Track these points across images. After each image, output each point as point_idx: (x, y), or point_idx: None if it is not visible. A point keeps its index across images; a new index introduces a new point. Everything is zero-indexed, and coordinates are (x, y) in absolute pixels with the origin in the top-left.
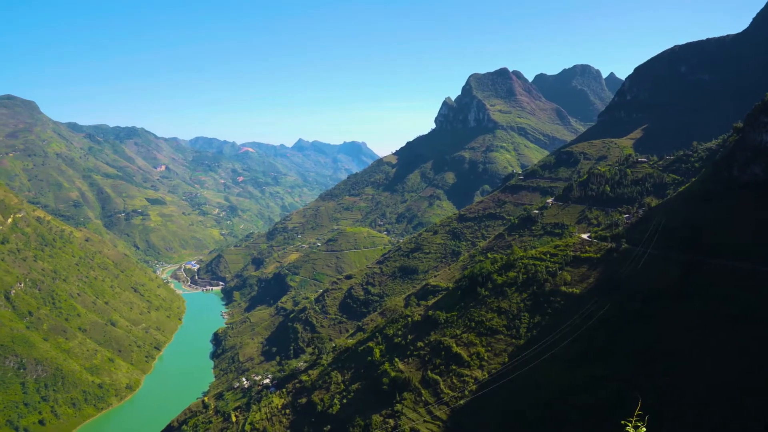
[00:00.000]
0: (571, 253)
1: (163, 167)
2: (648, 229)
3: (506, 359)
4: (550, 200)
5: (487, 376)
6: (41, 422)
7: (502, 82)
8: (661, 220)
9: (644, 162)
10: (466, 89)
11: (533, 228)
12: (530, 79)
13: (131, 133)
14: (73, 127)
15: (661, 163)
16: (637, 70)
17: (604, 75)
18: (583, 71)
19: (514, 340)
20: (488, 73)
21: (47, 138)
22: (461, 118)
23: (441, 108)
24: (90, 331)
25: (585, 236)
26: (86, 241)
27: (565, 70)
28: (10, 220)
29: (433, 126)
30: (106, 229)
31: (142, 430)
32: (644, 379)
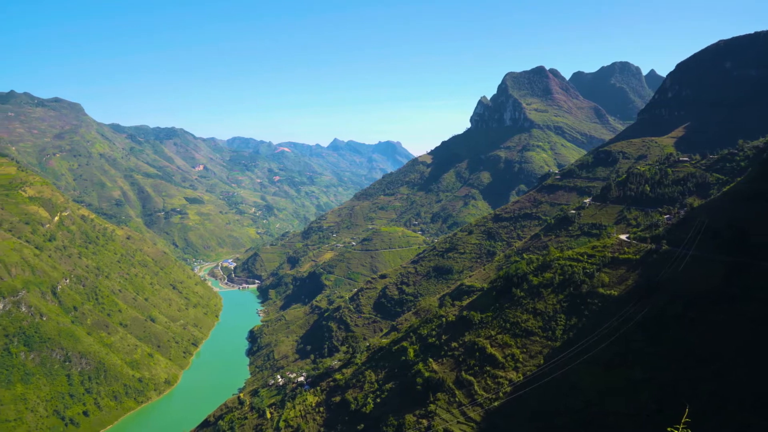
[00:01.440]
0: (609, 255)
1: (202, 167)
2: (690, 230)
3: (542, 361)
4: (587, 200)
5: (522, 377)
6: (85, 413)
7: (538, 80)
8: (704, 221)
9: (686, 161)
10: (502, 88)
11: (570, 228)
12: (567, 77)
13: (171, 133)
14: (115, 128)
15: (704, 162)
16: (680, 66)
17: (645, 72)
18: (623, 68)
19: (549, 342)
20: (524, 72)
21: (91, 139)
22: (497, 117)
23: (476, 107)
24: (131, 326)
25: (623, 237)
26: (127, 239)
27: (603, 68)
28: (56, 218)
29: (469, 125)
30: (147, 227)
31: (180, 425)
32: (685, 384)
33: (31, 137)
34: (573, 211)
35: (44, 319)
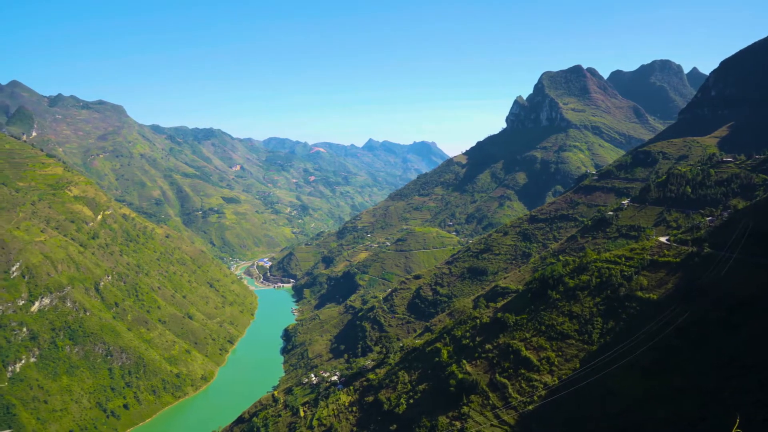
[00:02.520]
0: (648, 257)
1: (238, 167)
2: (734, 233)
3: (578, 365)
4: (625, 201)
5: (557, 381)
6: (125, 406)
7: (575, 79)
8: (748, 223)
9: (730, 161)
10: (539, 88)
11: (607, 230)
12: (605, 76)
13: (209, 134)
14: (155, 129)
15: (749, 162)
16: (723, 64)
17: (686, 70)
18: (663, 67)
19: (586, 346)
20: (561, 71)
21: (133, 140)
22: (533, 117)
23: (512, 107)
24: (169, 323)
25: (663, 239)
26: (166, 237)
27: (643, 66)
28: (99, 216)
29: (504, 125)
30: (185, 226)
31: (215, 420)
32: (729, 393)
33: (77, 139)
34: (611, 213)
35: (87, 314)
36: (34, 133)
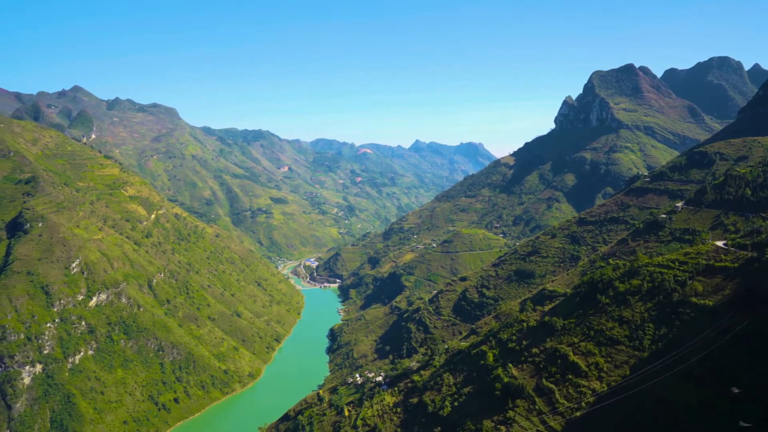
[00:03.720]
0: (704, 262)
1: (286, 168)
2: None
3: (628, 372)
4: (679, 204)
5: (606, 388)
6: (176, 400)
7: (627, 78)
8: None
9: None
10: (588, 87)
11: (660, 233)
12: (659, 75)
13: (257, 135)
14: (206, 130)
15: None
16: None
17: (747, 67)
18: (721, 64)
19: (636, 353)
20: (612, 70)
21: (185, 141)
22: (582, 118)
23: (561, 107)
24: (218, 320)
25: (720, 243)
26: (216, 236)
27: (699, 64)
28: (153, 216)
29: (553, 126)
30: (234, 225)
31: (261, 417)
32: None
33: (132, 140)
34: (664, 216)
35: (141, 310)
36: (93, 136)
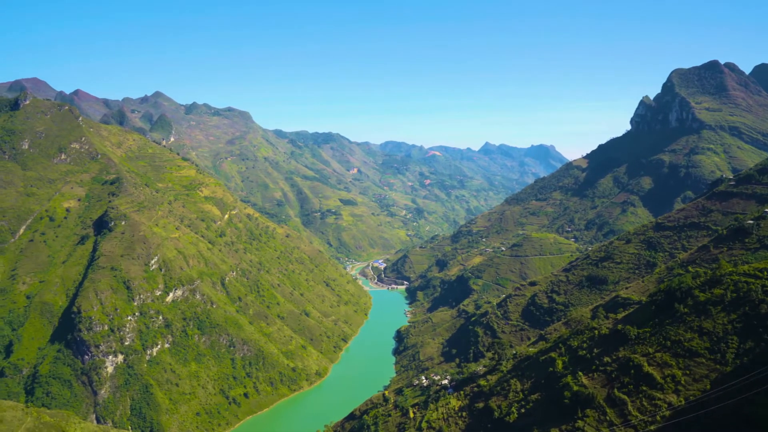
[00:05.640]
0: None
1: (355, 170)
2: None
3: (708, 386)
4: None
5: (683, 402)
6: (245, 395)
7: (710, 76)
8: None
9: None
10: (667, 86)
11: (746, 241)
12: (748, 71)
13: (327, 138)
14: (278, 133)
15: None
16: None
17: None
18: None
19: (718, 366)
20: (694, 68)
21: (257, 144)
22: (660, 118)
23: (637, 108)
24: (287, 319)
25: None
26: (286, 237)
27: None
28: (226, 216)
29: (628, 127)
30: (304, 226)
31: (327, 415)
32: None
33: (208, 143)
34: (751, 221)
35: (214, 306)
36: (172, 139)
